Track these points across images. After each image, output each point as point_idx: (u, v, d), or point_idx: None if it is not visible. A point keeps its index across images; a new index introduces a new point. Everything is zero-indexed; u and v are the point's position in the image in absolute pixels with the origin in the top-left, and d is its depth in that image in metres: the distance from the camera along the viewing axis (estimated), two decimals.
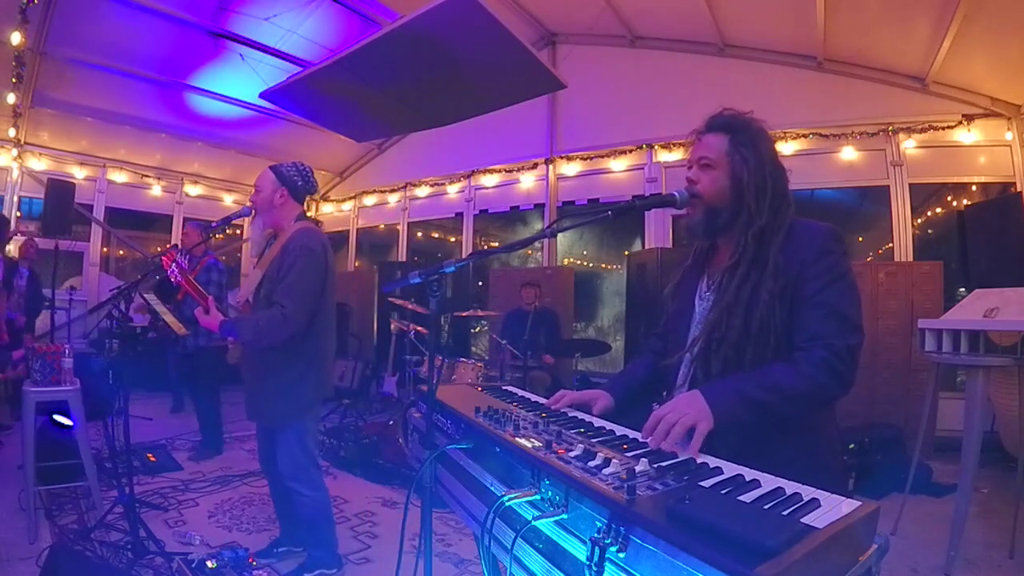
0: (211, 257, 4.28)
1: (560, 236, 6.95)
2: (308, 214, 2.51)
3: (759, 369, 1.15)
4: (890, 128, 5.13)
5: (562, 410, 1.31)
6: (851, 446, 3.74)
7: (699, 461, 0.95)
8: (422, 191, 8.18)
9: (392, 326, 5.10)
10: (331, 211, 9.28)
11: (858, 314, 1.17)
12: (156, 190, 7.76)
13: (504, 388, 1.57)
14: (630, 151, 6.36)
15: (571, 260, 7.64)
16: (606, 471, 0.84)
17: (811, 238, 1.20)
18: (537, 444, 0.97)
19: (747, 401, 1.08)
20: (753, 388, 1.10)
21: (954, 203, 5.32)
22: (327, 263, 2.34)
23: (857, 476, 3.68)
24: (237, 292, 2.74)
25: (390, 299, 5.82)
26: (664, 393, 1.39)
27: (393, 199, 8.51)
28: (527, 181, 7.18)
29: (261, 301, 2.31)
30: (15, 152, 6.50)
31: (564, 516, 0.82)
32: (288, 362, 2.29)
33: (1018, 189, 4.67)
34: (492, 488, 1.02)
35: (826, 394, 1.14)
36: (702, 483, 0.82)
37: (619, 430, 1.15)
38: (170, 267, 2.26)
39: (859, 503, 0.73)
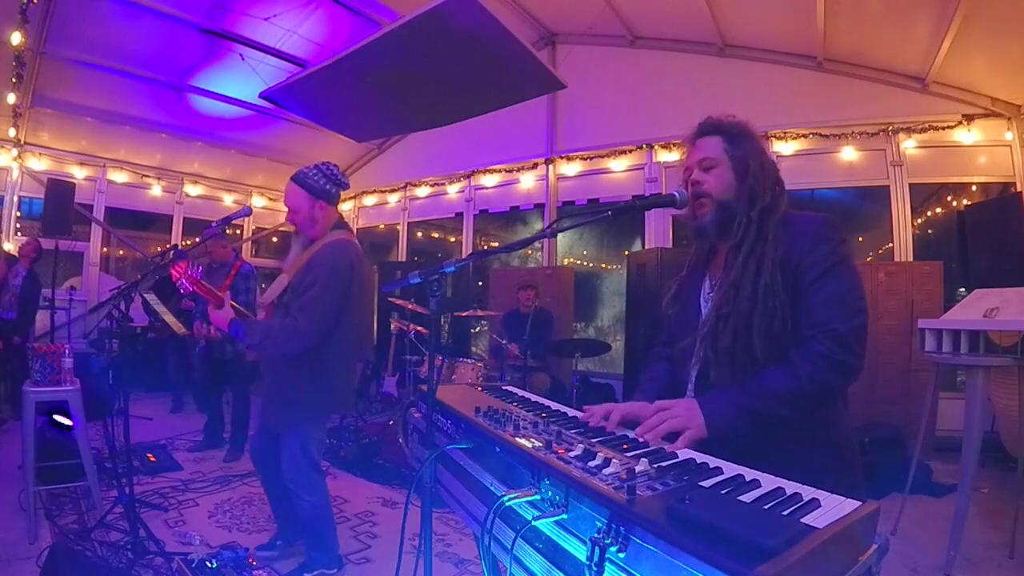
0: (244, 263, 4.24)
1: (560, 236, 6.94)
2: None
3: (755, 377, 1.15)
4: (890, 128, 5.13)
5: (561, 410, 1.31)
6: None
7: (699, 461, 0.95)
8: (422, 191, 8.18)
9: (392, 326, 5.10)
10: None
11: (860, 297, 1.17)
12: (156, 190, 7.75)
13: (504, 388, 1.57)
14: (630, 151, 6.36)
15: (571, 260, 7.64)
16: (606, 471, 0.84)
17: (807, 228, 1.22)
18: (537, 444, 0.97)
19: (743, 410, 1.10)
20: (749, 397, 1.11)
21: (954, 203, 5.32)
22: (351, 281, 2.27)
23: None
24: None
25: (390, 299, 5.82)
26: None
27: (393, 199, 8.52)
28: (527, 181, 7.18)
29: (280, 308, 2.31)
30: (15, 152, 6.49)
31: (564, 516, 0.82)
32: (300, 370, 2.29)
33: (1018, 189, 4.67)
34: (492, 488, 1.02)
35: (829, 388, 1.14)
36: (702, 483, 0.82)
37: (619, 430, 1.15)
38: (179, 281, 2.22)
39: (859, 503, 0.73)
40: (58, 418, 3.31)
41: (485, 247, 7.99)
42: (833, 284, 1.16)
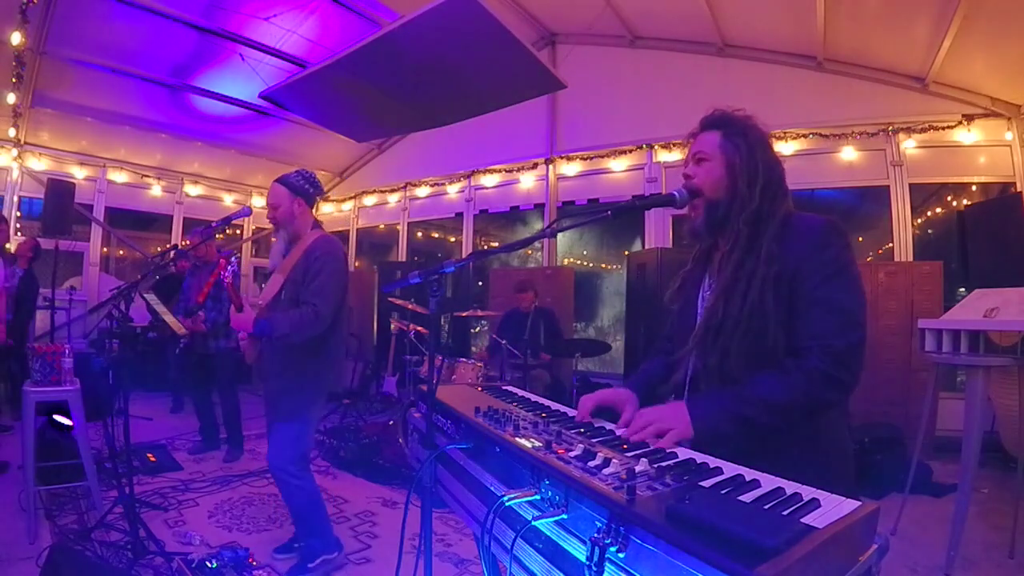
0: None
1: (560, 236, 6.95)
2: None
3: (748, 381, 1.13)
4: (890, 128, 5.13)
5: (561, 410, 1.31)
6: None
7: (699, 461, 0.95)
8: (422, 191, 8.17)
9: (392, 326, 5.10)
10: (331, 211, 9.28)
11: (860, 309, 1.13)
12: (156, 190, 7.75)
13: (504, 388, 1.57)
14: (630, 151, 6.36)
15: (571, 260, 7.64)
16: (606, 471, 0.84)
17: (809, 232, 1.18)
18: (537, 444, 0.97)
19: (729, 415, 1.09)
20: (737, 402, 1.10)
21: (954, 203, 5.32)
22: (346, 268, 2.51)
23: (857, 476, 3.67)
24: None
25: (390, 299, 5.82)
26: (673, 396, 1.39)
27: (393, 199, 8.51)
28: (527, 181, 7.17)
29: (283, 303, 2.42)
30: (15, 152, 6.49)
31: (564, 516, 0.82)
32: (307, 361, 2.41)
33: (1018, 189, 4.67)
34: (492, 488, 1.02)
35: (820, 402, 1.12)
36: (702, 483, 0.82)
37: (619, 430, 1.15)
38: (225, 270, 2.47)
39: (859, 503, 0.73)
40: (58, 418, 3.31)
41: (485, 247, 7.99)
42: (833, 294, 1.12)
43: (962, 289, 4.90)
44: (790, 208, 1.25)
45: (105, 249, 7.55)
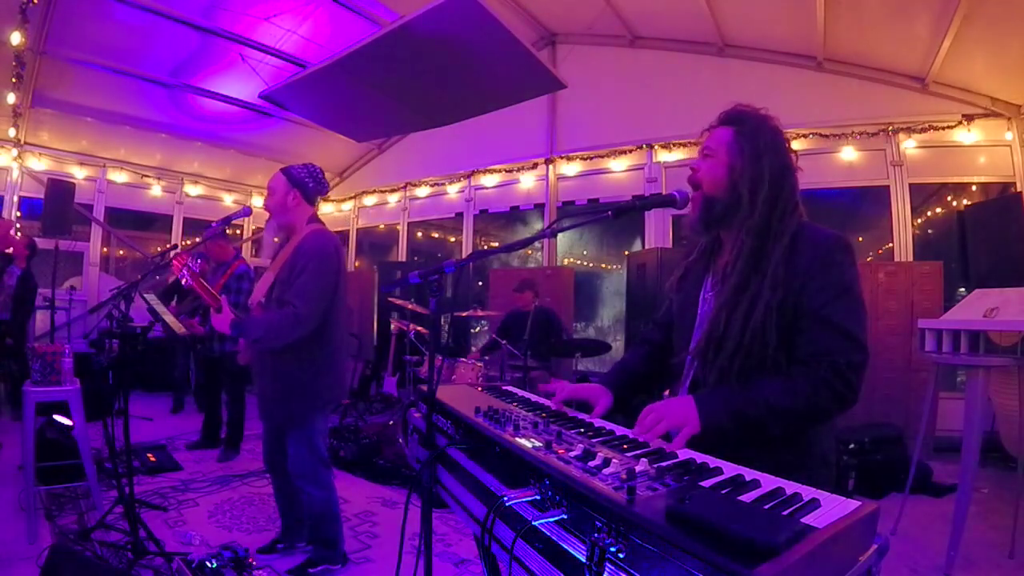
0: (242, 263, 4.18)
1: (560, 236, 6.95)
2: None
3: (756, 382, 1.14)
4: (890, 128, 5.13)
5: (561, 409, 1.31)
6: (851, 446, 3.74)
7: (699, 461, 0.95)
8: (422, 191, 8.18)
9: (392, 326, 5.10)
10: (331, 211, 9.28)
11: (863, 331, 1.13)
12: (156, 190, 7.75)
13: (504, 388, 1.57)
14: (630, 151, 6.36)
15: (571, 260, 7.64)
16: (606, 471, 0.84)
17: (816, 247, 1.17)
18: (537, 444, 0.97)
19: (734, 414, 1.10)
20: (743, 402, 1.11)
21: (954, 203, 5.32)
22: (339, 265, 2.36)
23: (857, 476, 3.68)
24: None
25: (390, 299, 5.82)
26: (667, 392, 1.39)
27: (393, 199, 8.51)
28: (527, 181, 7.17)
29: (273, 304, 2.33)
30: (15, 152, 6.49)
31: (564, 516, 0.82)
32: (299, 363, 2.31)
33: (1018, 189, 4.67)
34: (492, 488, 1.02)
35: (821, 413, 1.13)
36: (702, 483, 0.82)
37: (619, 430, 1.15)
38: (180, 271, 2.29)
39: (859, 503, 0.73)
40: (58, 418, 3.31)
41: (485, 247, 7.99)
42: (838, 315, 1.12)
43: (962, 289, 4.90)
44: (800, 221, 1.23)
45: (105, 249, 7.55)
